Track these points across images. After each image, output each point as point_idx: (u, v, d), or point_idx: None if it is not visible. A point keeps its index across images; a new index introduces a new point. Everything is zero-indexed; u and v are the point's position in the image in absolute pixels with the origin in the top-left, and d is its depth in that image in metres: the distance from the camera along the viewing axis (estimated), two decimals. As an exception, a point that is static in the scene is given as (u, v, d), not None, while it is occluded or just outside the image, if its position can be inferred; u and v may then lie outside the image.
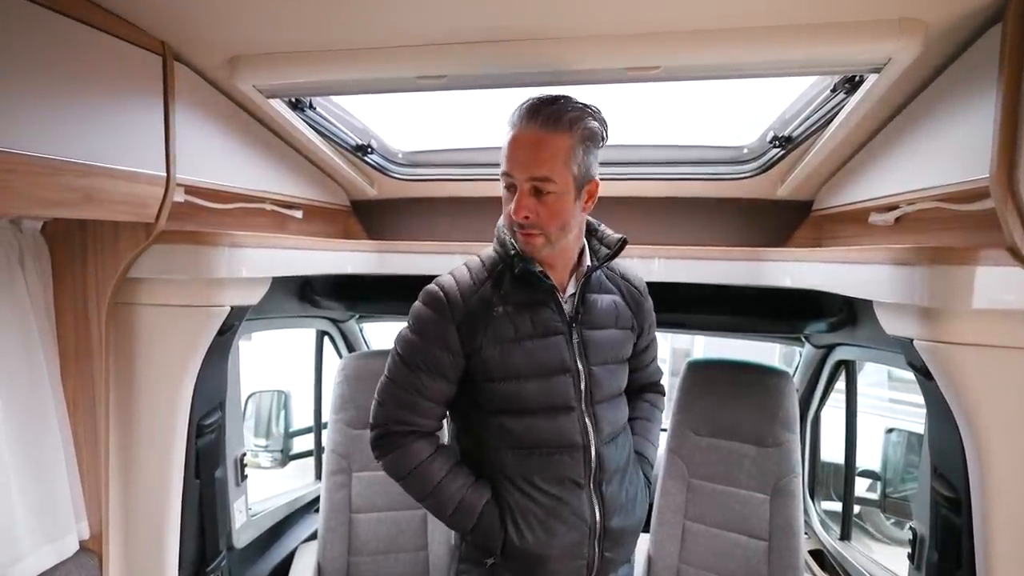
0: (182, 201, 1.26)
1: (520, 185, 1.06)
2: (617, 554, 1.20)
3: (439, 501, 1.14)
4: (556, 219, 1.07)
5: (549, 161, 1.04)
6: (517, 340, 1.12)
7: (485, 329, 1.11)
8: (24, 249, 1.15)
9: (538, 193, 1.05)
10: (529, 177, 1.05)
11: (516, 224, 1.08)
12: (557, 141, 1.04)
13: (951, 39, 0.99)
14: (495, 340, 1.11)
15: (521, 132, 1.05)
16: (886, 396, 4.83)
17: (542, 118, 1.04)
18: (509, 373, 1.12)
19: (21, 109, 0.89)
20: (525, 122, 1.05)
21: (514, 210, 1.06)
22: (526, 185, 1.05)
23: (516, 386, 1.12)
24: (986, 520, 1.02)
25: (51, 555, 1.19)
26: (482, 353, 1.11)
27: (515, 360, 1.11)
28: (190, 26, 1.10)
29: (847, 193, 1.47)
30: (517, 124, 1.06)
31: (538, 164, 1.04)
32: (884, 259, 1.06)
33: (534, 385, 1.12)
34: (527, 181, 1.05)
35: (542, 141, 1.04)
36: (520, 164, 1.05)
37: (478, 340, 1.11)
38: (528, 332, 1.13)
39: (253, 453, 2.58)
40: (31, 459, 1.16)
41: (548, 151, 1.04)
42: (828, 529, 2.16)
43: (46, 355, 1.19)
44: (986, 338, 0.96)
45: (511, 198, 1.08)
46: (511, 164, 1.06)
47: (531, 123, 1.04)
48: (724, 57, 1.07)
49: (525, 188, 1.05)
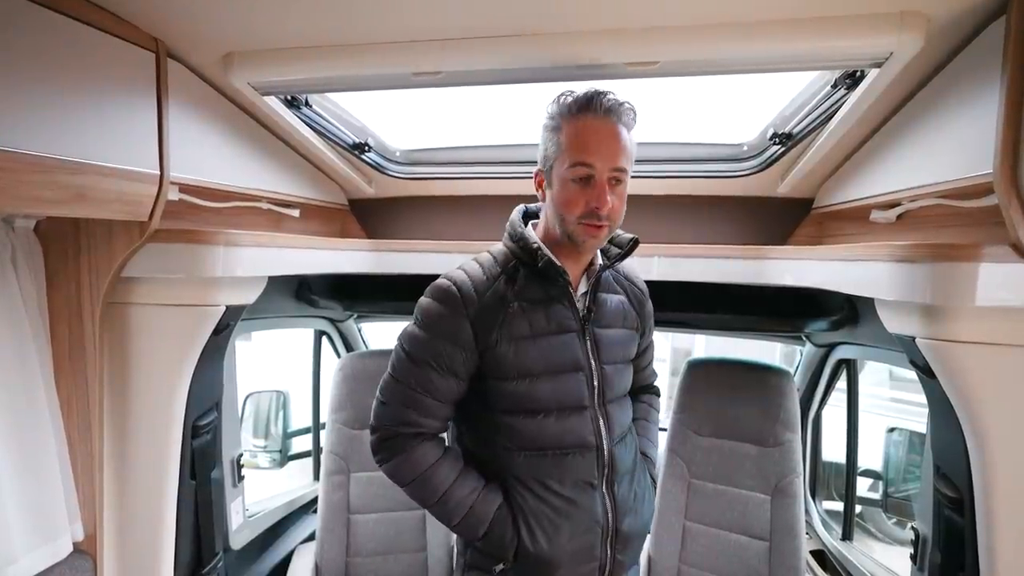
0: (177, 200, 1.25)
1: (600, 175, 1.04)
2: (628, 556, 1.18)
3: (447, 509, 1.10)
4: (621, 211, 1.08)
5: (625, 153, 1.05)
6: (532, 337, 1.09)
7: (500, 325, 1.08)
8: (17, 248, 1.14)
9: (613, 185, 1.05)
10: (612, 167, 1.04)
11: (594, 217, 1.05)
12: (628, 135, 1.06)
13: (953, 33, 0.98)
14: (510, 337, 1.08)
15: (601, 123, 1.04)
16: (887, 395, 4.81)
17: (616, 112, 1.04)
18: (522, 371, 1.09)
19: (12, 107, 0.88)
20: (602, 113, 1.04)
21: (599, 202, 1.03)
22: (608, 175, 1.04)
23: (528, 385, 1.09)
24: (989, 520, 1.01)
25: (45, 557, 1.18)
26: (496, 350, 1.08)
27: (529, 358, 1.09)
28: (183, 22, 1.09)
29: (848, 190, 1.46)
30: (595, 113, 1.04)
31: (620, 155, 1.04)
32: (886, 256, 1.04)
33: (547, 384, 1.10)
34: (610, 171, 1.04)
35: (620, 133, 1.05)
36: (605, 154, 1.03)
37: (493, 337, 1.08)
38: (543, 329, 1.10)
39: (252, 453, 2.57)
40: (24, 460, 1.15)
41: (624, 143, 1.05)
42: (829, 529, 2.15)
43: (39, 355, 1.18)
44: (989, 336, 0.94)
45: (579, 190, 1.05)
46: (593, 153, 1.03)
47: (609, 116, 1.04)
48: (724, 52, 1.06)
49: (606, 178, 1.04)
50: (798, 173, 1.54)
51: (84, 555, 1.27)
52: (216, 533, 1.52)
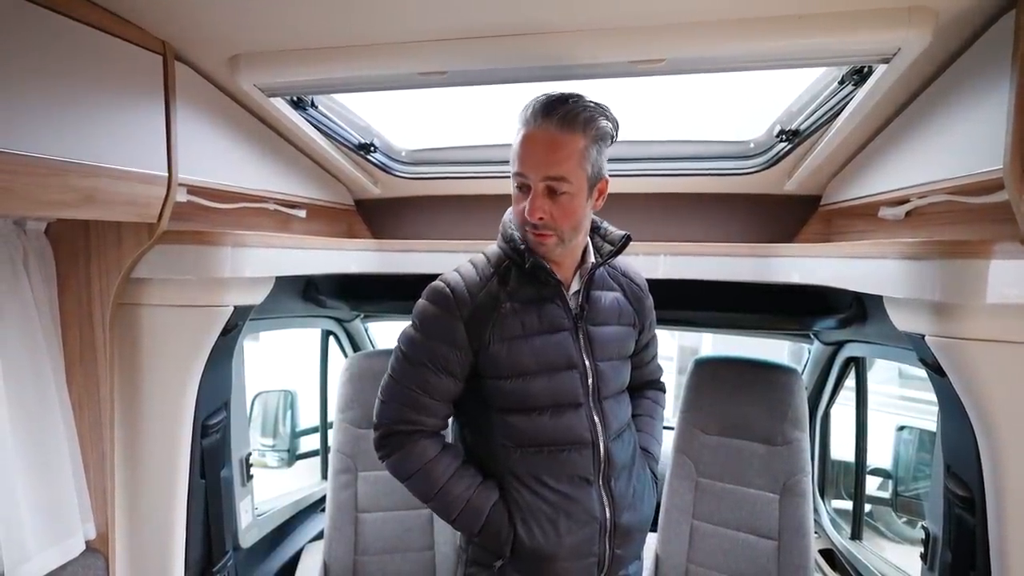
0: (185, 201, 1.26)
1: (534, 185, 1.04)
2: (627, 551, 1.19)
3: (445, 503, 1.13)
4: (570, 219, 1.06)
5: (564, 161, 1.02)
6: (524, 336, 1.11)
7: (492, 326, 1.10)
8: (28, 250, 1.15)
9: (552, 193, 1.04)
10: (544, 177, 1.03)
11: (529, 225, 1.07)
12: (572, 141, 1.02)
13: (962, 27, 0.97)
14: (502, 337, 1.10)
15: (535, 131, 1.03)
16: (896, 393, 4.78)
17: (557, 117, 1.01)
18: (516, 370, 1.11)
19: (22, 110, 0.89)
20: (539, 121, 1.02)
21: (528, 211, 1.04)
22: (540, 185, 1.03)
23: (523, 383, 1.11)
24: (1001, 519, 1.00)
25: (57, 555, 1.19)
26: (490, 350, 1.10)
27: (522, 357, 1.11)
28: (190, 25, 1.10)
29: (856, 187, 1.45)
30: (530, 122, 1.03)
31: (554, 164, 1.02)
32: (895, 253, 1.04)
33: (541, 382, 1.11)
34: (542, 181, 1.03)
35: (557, 141, 1.01)
36: (535, 164, 1.03)
37: (486, 337, 1.10)
38: (535, 328, 1.12)
39: (260, 453, 2.59)
40: (37, 460, 1.16)
41: (563, 151, 1.02)
42: (839, 528, 2.13)
43: (51, 356, 1.20)
44: (1000, 333, 0.93)
45: (523, 198, 1.06)
46: (525, 164, 1.04)
47: (546, 122, 1.02)
48: (730, 49, 1.05)
49: (539, 188, 1.03)
50: (805, 170, 1.53)
51: (96, 553, 1.29)
52: (226, 532, 1.53)
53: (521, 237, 1.12)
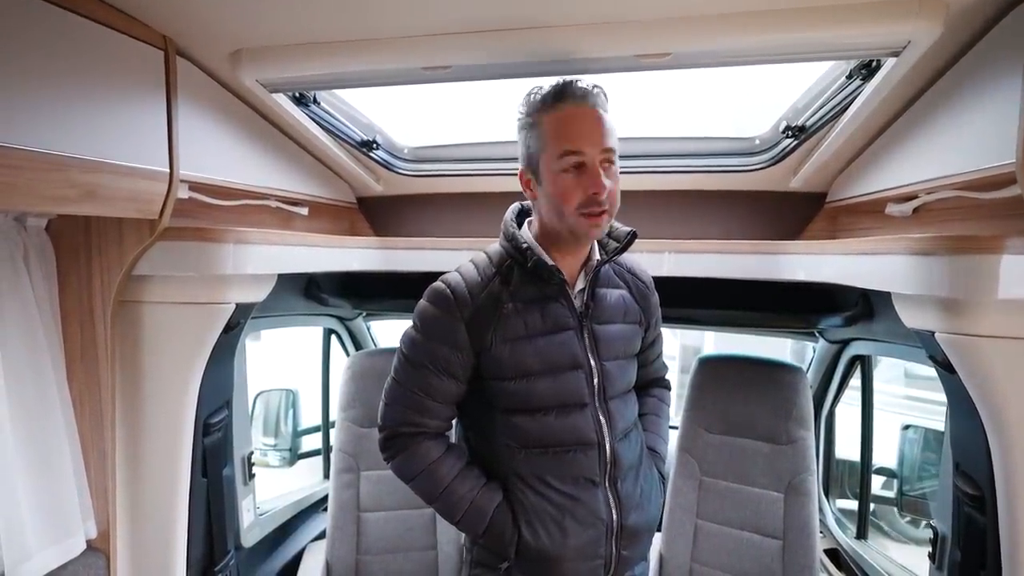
0: (186, 198, 1.25)
1: (593, 160, 1.02)
2: (634, 552, 1.18)
3: (449, 504, 1.12)
4: (618, 194, 1.06)
5: (613, 134, 1.04)
6: (528, 337, 1.09)
7: (495, 327, 1.09)
8: (29, 247, 1.15)
9: (606, 168, 1.04)
10: (603, 150, 1.02)
11: (591, 203, 1.02)
12: (609, 118, 1.05)
13: (973, 19, 0.96)
14: (505, 338, 1.09)
15: (580, 108, 1.03)
16: (902, 393, 4.76)
17: (593, 96, 1.03)
18: (520, 371, 1.09)
19: (23, 105, 0.88)
20: (579, 99, 1.03)
21: (596, 186, 1.01)
22: (599, 158, 1.02)
23: (527, 384, 1.09)
24: (1011, 517, 0.99)
25: (58, 554, 1.18)
26: (492, 351, 1.09)
27: (526, 357, 1.09)
28: (192, 20, 1.09)
29: (863, 183, 1.43)
30: (572, 100, 1.03)
31: (608, 136, 1.03)
32: (903, 249, 1.02)
33: (546, 382, 1.10)
34: (600, 154, 1.02)
35: (602, 116, 1.03)
36: (592, 138, 1.02)
37: (488, 338, 1.09)
38: (539, 328, 1.10)
39: (262, 452, 2.58)
40: (38, 458, 1.16)
41: (607, 125, 1.04)
42: (844, 528, 2.12)
43: (52, 353, 1.19)
44: (1012, 330, 0.92)
45: (575, 179, 1.02)
46: (581, 140, 1.01)
47: (585, 101, 1.03)
48: (736, 43, 1.04)
49: (599, 162, 1.02)
50: (811, 167, 1.52)
51: (97, 552, 1.28)
52: (228, 531, 1.53)
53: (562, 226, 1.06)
